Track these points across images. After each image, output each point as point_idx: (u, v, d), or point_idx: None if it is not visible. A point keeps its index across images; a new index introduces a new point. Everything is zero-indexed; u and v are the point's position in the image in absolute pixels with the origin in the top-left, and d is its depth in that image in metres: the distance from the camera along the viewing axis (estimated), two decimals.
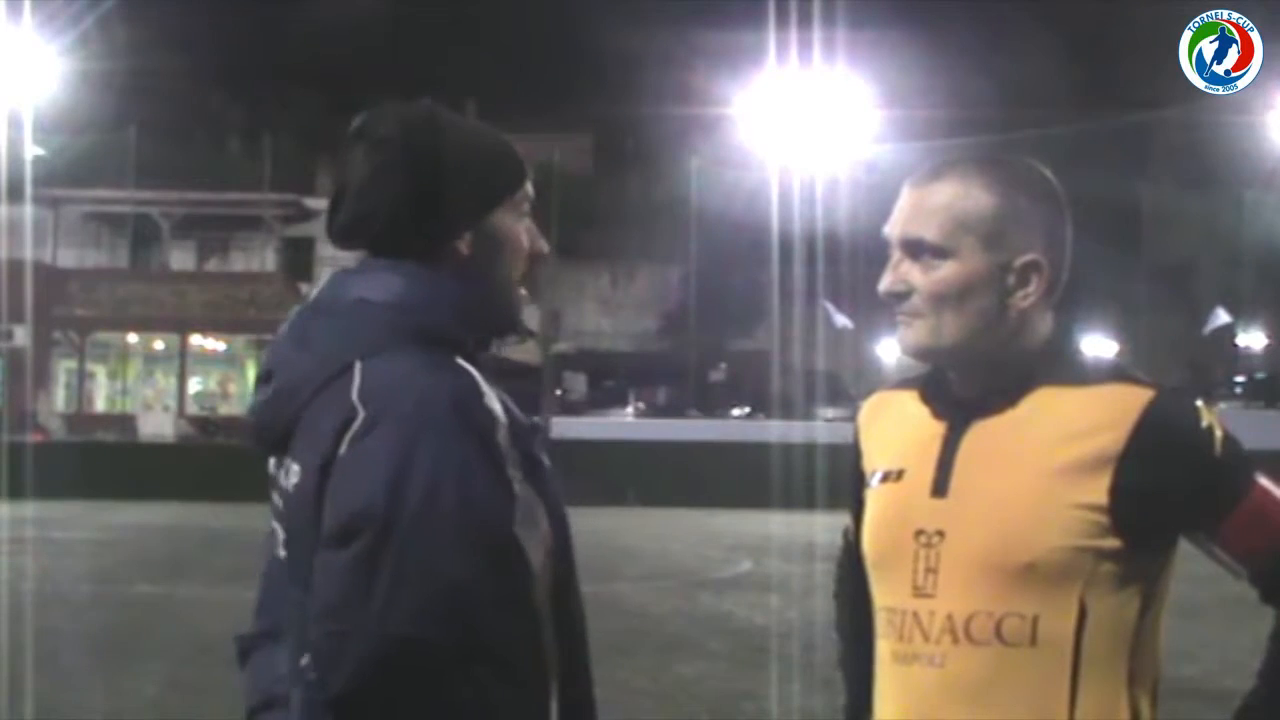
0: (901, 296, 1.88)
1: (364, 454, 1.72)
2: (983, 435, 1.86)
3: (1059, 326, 1.91)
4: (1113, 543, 1.78)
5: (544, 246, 1.96)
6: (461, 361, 1.81)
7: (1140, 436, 1.77)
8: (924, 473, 1.88)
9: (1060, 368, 1.87)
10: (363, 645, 1.66)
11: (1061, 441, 1.80)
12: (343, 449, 1.73)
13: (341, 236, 1.93)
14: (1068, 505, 1.78)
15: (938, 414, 1.91)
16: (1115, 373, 1.86)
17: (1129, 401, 1.80)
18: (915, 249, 1.87)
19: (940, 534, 1.84)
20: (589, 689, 1.94)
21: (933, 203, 1.87)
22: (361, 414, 1.73)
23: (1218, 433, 1.80)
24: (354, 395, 1.75)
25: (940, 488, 1.86)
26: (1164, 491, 1.78)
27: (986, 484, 1.83)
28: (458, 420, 1.72)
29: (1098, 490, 1.77)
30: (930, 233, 1.86)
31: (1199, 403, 1.83)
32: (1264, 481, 1.83)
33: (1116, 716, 1.81)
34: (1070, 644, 1.78)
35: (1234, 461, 1.82)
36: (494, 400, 1.79)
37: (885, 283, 1.89)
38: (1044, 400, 1.84)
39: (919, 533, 1.85)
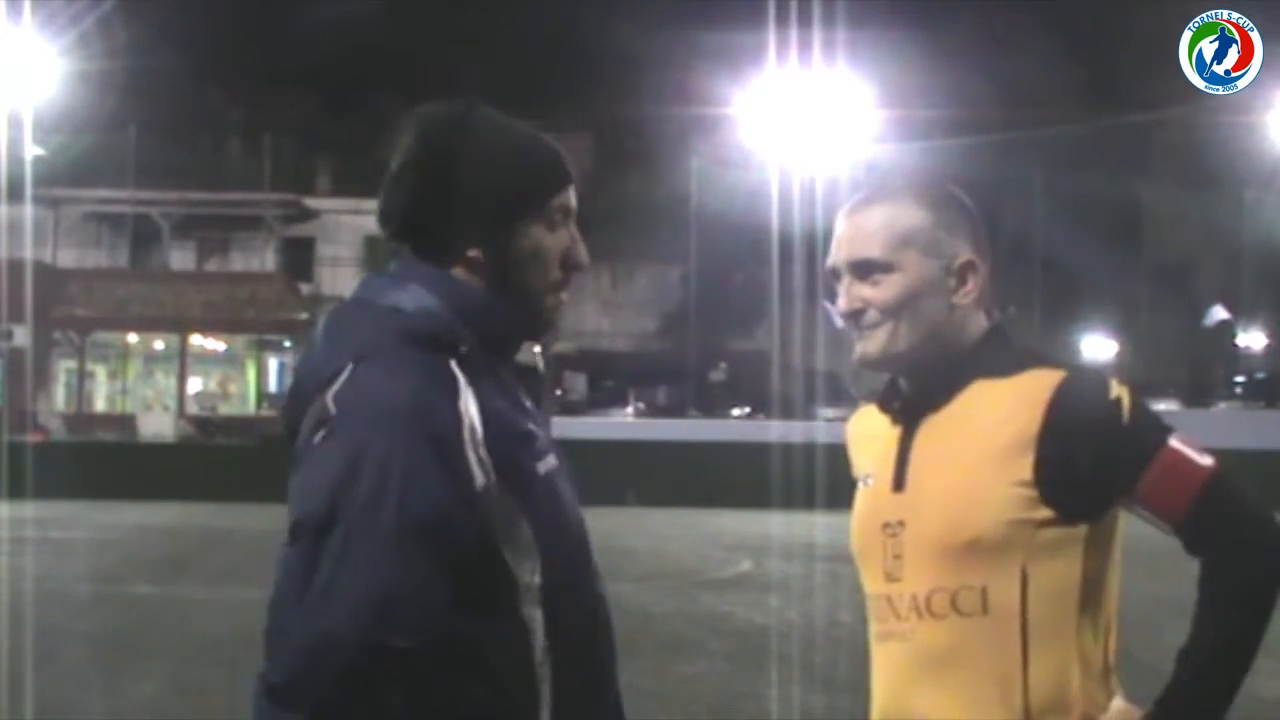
0: (859, 314, 2.08)
1: (320, 455, 1.77)
2: (929, 432, 2.07)
3: (989, 325, 2.11)
4: (1044, 513, 1.95)
5: (581, 257, 1.99)
6: (453, 364, 1.81)
7: (1052, 415, 1.95)
8: (886, 472, 2.09)
9: (989, 362, 2.06)
10: (296, 640, 1.70)
11: (991, 428, 1.99)
12: (311, 449, 1.80)
13: (379, 224, 1.97)
14: (1001, 484, 1.96)
15: (894, 419, 2.12)
16: (1031, 359, 2.05)
17: (1041, 385, 1.98)
18: (863, 269, 2.08)
19: (901, 524, 2.05)
20: (607, 700, 1.94)
21: (872, 225, 2.08)
22: (332, 415, 1.78)
23: (1125, 402, 1.97)
24: (329, 397, 1.80)
25: (899, 483, 2.07)
26: (1078, 462, 1.94)
27: (934, 475, 2.03)
28: (414, 424, 1.74)
29: (1023, 468, 1.96)
30: (875, 251, 2.07)
31: (1110, 379, 1.99)
32: (1175, 443, 1.97)
33: (1068, 675, 1.96)
34: (1017, 610, 1.96)
35: (1143, 427, 1.97)
36: (469, 404, 1.79)
37: (842, 305, 2.10)
38: (977, 393, 2.04)
39: (885, 525, 2.07)
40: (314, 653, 1.69)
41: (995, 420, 1.99)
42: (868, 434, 2.19)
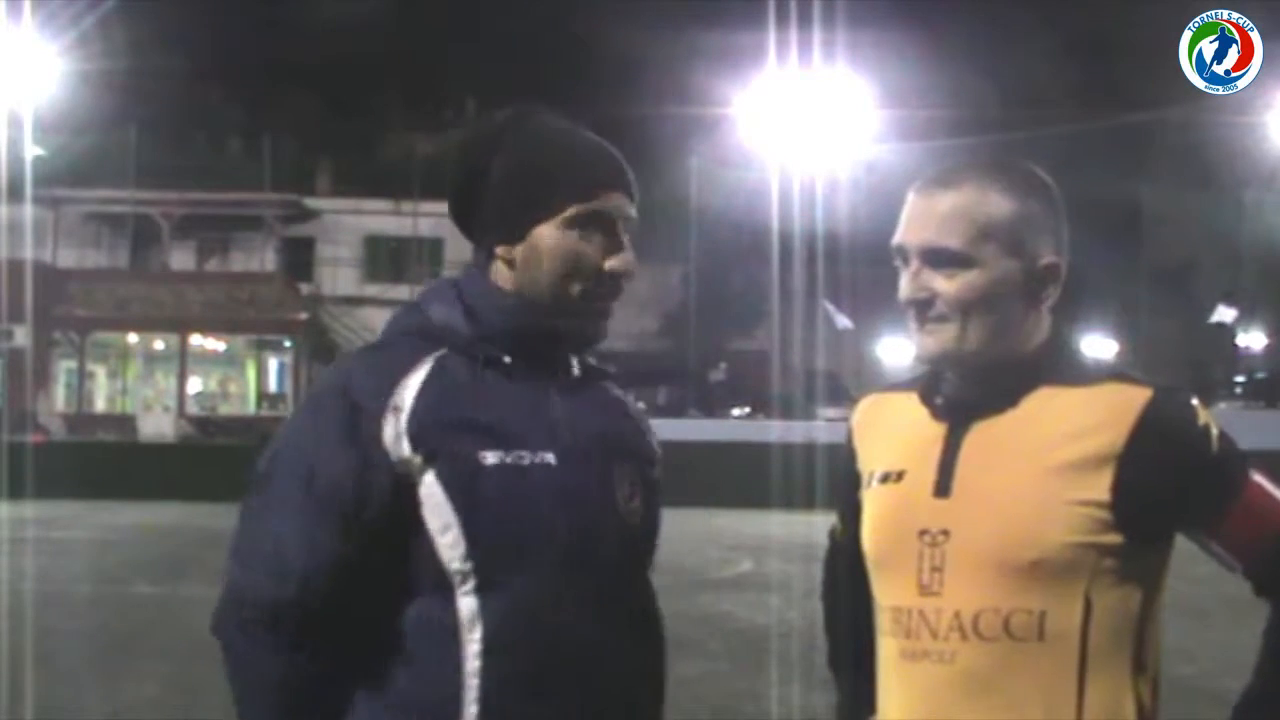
0: (924, 305, 1.88)
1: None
2: (984, 435, 1.87)
3: (1056, 327, 1.93)
4: (1114, 538, 1.80)
5: (617, 264, 1.98)
6: (434, 355, 1.90)
7: (1140, 435, 1.80)
8: (926, 473, 1.89)
9: (1059, 368, 1.89)
10: (223, 585, 1.93)
11: (1062, 440, 1.82)
12: None
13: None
14: (1070, 502, 1.80)
15: (937, 415, 1.93)
16: (1113, 373, 1.89)
17: (1128, 401, 1.82)
18: (937, 258, 1.87)
19: (945, 533, 1.85)
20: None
21: (951, 210, 1.87)
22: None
23: (1214, 431, 1.83)
24: None
25: (943, 488, 1.87)
26: (1164, 488, 1.80)
27: (989, 483, 1.84)
28: (337, 399, 1.88)
29: (1099, 487, 1.80)
30: (954, 241, 1.86)
31: (1195, 401, 1.85)
32: (1258, 478, 1.85)
33: (1122, 707, 1.84)
34: (1077, 638, 1.81)
35: (1230, 459, 1.85)
36: (408, 388, 1.86)
37: (907, 291, 1.89)
38: (1044, 400, 1.86)
39: (923, 532, 1.87)
40: (224, 600, 1.91)
41: (1067, 432, 1.82)
42: (892, 425, 1.99)
